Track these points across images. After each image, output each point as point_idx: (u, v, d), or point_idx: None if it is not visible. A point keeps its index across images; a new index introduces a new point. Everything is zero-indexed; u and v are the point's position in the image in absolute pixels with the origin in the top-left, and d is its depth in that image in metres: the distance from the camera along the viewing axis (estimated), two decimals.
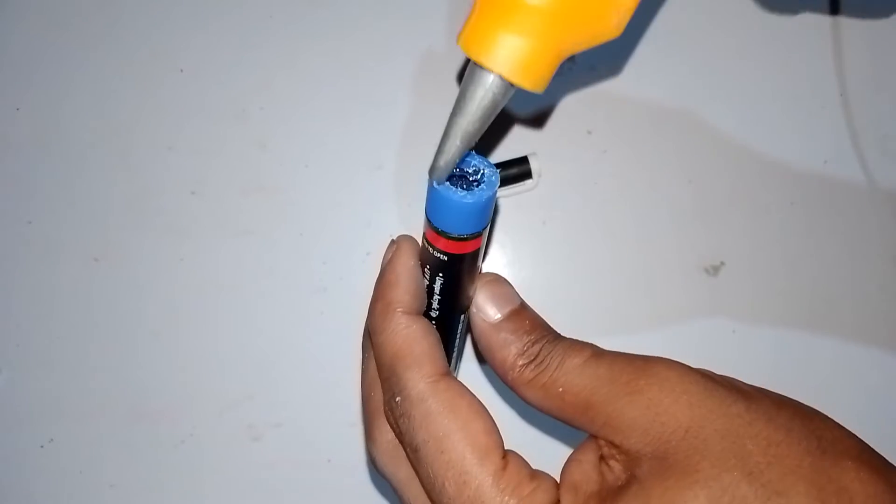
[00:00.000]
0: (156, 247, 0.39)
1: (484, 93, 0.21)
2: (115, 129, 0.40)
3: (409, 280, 0.25)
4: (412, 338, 0.24)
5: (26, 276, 0.39)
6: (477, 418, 0.23)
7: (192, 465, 0.39)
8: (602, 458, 0.23)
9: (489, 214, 0.23)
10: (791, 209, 0.38)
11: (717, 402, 0.21)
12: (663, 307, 0.38)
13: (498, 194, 0.30)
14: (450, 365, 0.26)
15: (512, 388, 0.25)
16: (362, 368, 0.27)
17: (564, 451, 0.23)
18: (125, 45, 0.40)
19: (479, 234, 0.24)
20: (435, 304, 0.26)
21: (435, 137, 0.37)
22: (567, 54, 0.21)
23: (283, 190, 0.39)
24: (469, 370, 0.37)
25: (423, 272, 0.26)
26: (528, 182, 0.38)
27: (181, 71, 0.40)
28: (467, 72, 0.21)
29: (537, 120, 0.38)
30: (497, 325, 0.25)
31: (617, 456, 0.22)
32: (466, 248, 0.24)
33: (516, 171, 0.37)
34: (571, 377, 0.23)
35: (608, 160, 0.39)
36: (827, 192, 0.38)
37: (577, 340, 0.24)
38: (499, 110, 0.21)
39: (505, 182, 0.37)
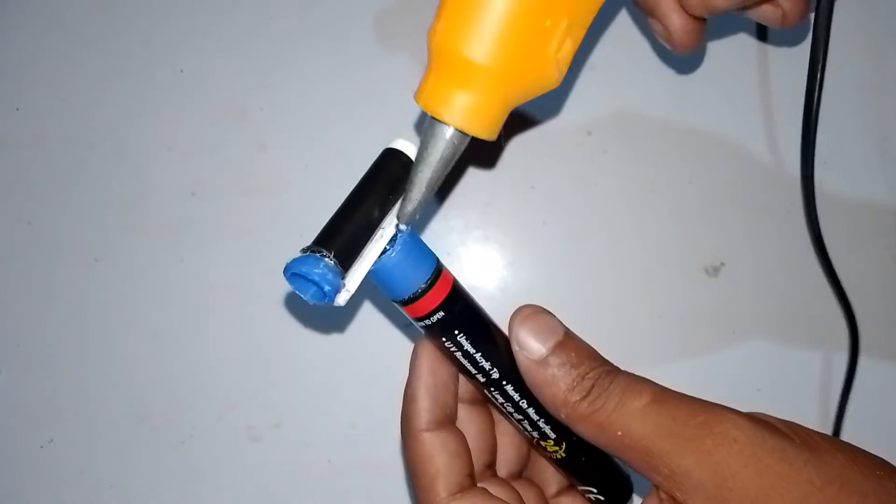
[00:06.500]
0: (156, 247, 0.39)
1: (445, 144, 0.23)
2: (114, 129, 0.40)
3: (426, 389, 0.25)
4: (426, 457, 0.24)
5: (26, 276, 0.39)
6: None
7: (191, 465, 0.39)
8: None
9: (427, 254, 0.24)
10: (791, 209, 0.38)
11: (786, 468, 0.21)
12: (663, 307, 0.38)
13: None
14: None
15: (566, 424, 0.24)
16: None
17: None
18: (125, 45, 0.40)
19: (438, 274, 0.24)
20: (488, 366, 0.25)
21: None
22: (514, 105, 0.24)
23: (282, 190, 0.39)
24: None
25: (450, 351, 0.25)
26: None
27: (181, 71, 0.40)
28: (426, 127, 0.23)
29: (537, 120, 0.38)
30: (542, 362, 0.23)
31: None
32: (442, 292, 0.24)
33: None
34: (632, 423, 0.22)
35: (608, 160, 0.39)
36: (826, 193, 0.38)
37: (633, 376, 0.23)
38: (457, 158, 0.24)
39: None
